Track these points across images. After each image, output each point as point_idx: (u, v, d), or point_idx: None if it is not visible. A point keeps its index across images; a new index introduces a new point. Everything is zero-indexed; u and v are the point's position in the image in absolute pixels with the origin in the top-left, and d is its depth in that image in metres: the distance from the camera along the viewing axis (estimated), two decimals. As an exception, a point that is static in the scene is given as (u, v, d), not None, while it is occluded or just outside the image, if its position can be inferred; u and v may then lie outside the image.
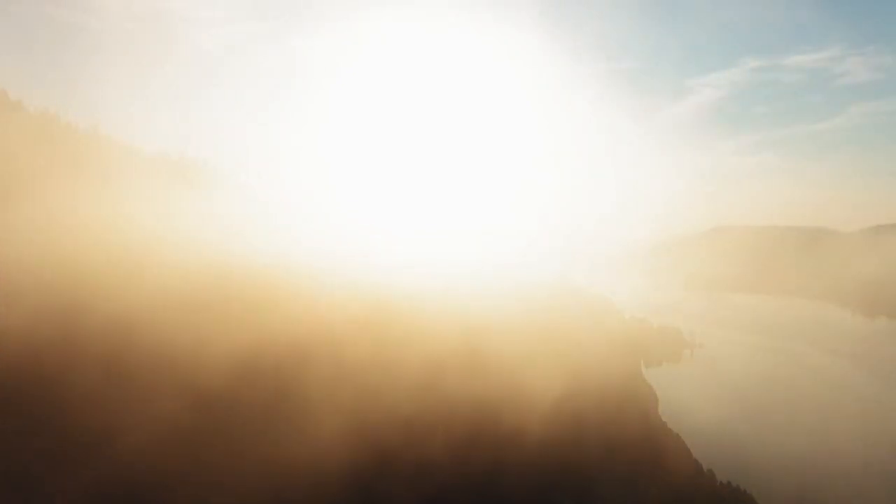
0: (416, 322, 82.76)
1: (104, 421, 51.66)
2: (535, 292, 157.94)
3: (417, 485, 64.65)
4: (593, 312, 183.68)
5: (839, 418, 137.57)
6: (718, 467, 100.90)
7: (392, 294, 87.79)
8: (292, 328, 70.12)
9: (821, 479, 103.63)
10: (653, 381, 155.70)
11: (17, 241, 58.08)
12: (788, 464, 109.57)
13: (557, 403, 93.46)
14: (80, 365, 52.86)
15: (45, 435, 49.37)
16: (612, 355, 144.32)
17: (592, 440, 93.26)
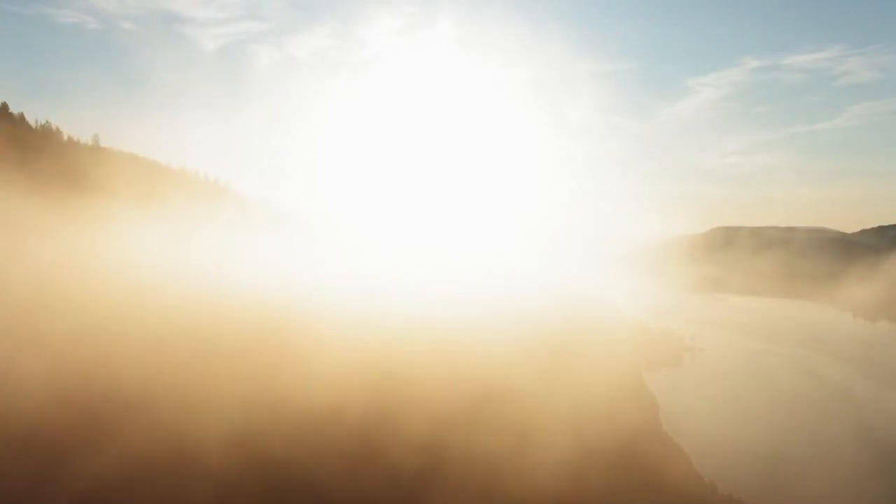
0: (421, 352, 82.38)
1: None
2: (536, 297, 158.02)
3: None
4: (594, 316, 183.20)
5: (842, 424, 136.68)
6: (719, 478, 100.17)
7: (396, 326, 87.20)
8: (298, 389, 69.58)
9: (824, 488, 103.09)
10: (652, 385, 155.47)
11: (19, 278, 57.57)
12: (790, 473, 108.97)
13: (559, 415, 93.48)
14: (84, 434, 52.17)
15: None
16: (613, 361, 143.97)
17: (591, 449, 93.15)
